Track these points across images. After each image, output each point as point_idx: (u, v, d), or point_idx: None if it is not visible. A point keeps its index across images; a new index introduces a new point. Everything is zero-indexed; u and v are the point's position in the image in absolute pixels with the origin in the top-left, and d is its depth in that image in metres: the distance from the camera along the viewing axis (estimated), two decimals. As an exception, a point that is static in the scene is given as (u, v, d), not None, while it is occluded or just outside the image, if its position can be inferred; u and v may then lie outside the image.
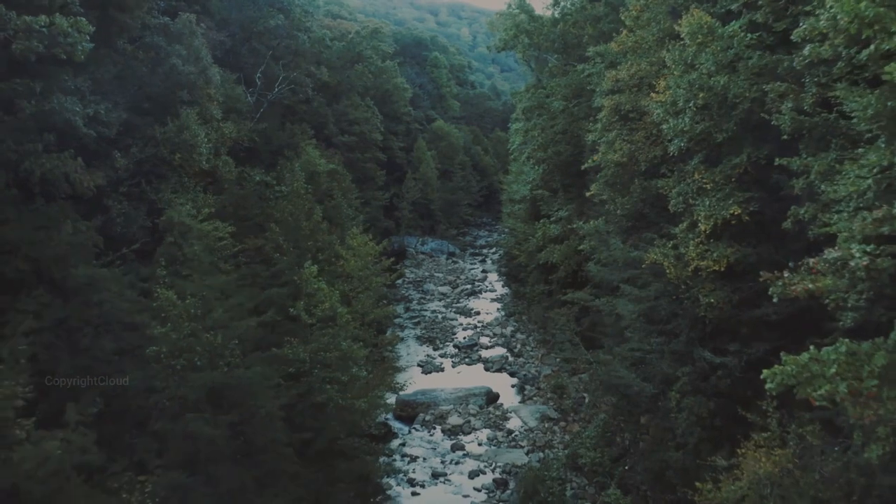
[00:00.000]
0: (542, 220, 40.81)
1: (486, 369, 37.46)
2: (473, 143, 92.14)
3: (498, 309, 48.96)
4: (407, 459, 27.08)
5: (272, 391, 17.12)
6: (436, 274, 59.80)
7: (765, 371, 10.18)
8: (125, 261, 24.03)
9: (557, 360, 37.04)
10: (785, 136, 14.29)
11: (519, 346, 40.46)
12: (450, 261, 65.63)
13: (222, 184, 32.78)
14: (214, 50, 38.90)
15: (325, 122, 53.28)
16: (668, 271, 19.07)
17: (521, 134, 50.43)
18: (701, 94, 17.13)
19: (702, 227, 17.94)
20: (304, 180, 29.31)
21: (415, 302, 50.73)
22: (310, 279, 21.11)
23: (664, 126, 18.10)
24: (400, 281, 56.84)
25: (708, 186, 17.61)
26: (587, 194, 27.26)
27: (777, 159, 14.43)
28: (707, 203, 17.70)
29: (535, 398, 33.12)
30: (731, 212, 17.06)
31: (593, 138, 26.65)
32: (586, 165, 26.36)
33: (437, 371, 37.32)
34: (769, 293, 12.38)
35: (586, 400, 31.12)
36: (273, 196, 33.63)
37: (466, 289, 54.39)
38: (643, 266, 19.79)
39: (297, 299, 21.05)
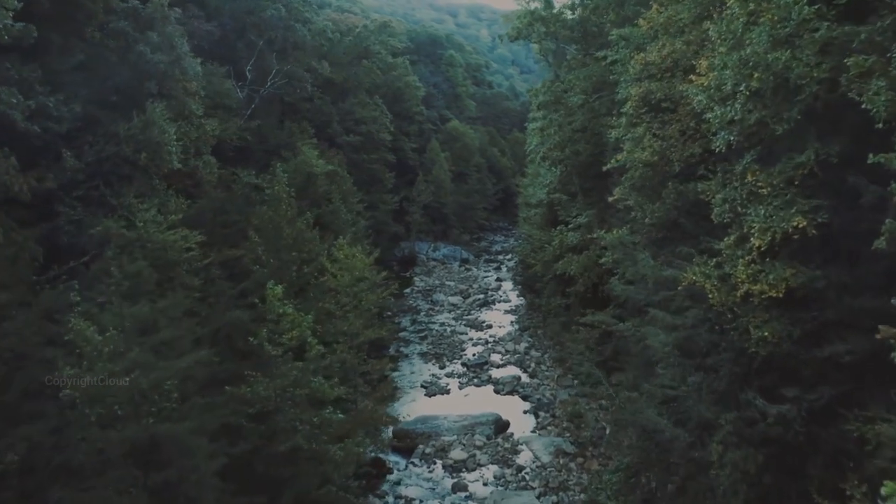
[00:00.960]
0: (559, 227, 37.14)
1: (497, 391, 33.91)
2: (490, 145, 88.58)
3: (511, 322, 45.35)
4: (401, 502, 23.64)
5: (214, 445, 13.76)
6: (447, 282, 56.31)
7: (887, 485, 6.59)
8: (74, 276, 20.94)
9: (574, 381, 33.41)
10: (880, 125, 10.65)
11: (533, 364, 36.84)
12: (462, 268, 62.11)
13: (203, 186, 29.69)
14: (201, 40, 35.94)
15: (328, 120, 50.11)
16: (710, 295, 15.46)
17: (538, 133, 47.03)
18: (755, 76, 13.51)
19: (754, 242, 14.32)
20: (287, 182, 25.89)
21: (423, 313, 47.30)
22: (273, 302, 17.74)
23: (708, 116, 14.52)
24: (408, 290, 53.58)
25: (764, 191, 13.97)
26: (610, 199, 23.65)
27: (871, 156, 10.77)
28: (762, 212, 14.07)
29: (549, 427, 29.50)
30: (794, 223, 13.42)
31: (617, 135, 23.06)
32: (609, 166, 22.77)
33: (443, 393, 33.85)
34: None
35: (607, 431, 27.48)
36: (261, 200, 30.43)
37: (479, 299, 50.84)
38: (678, 288, 16.16)
39: (261, 325, 17.69)
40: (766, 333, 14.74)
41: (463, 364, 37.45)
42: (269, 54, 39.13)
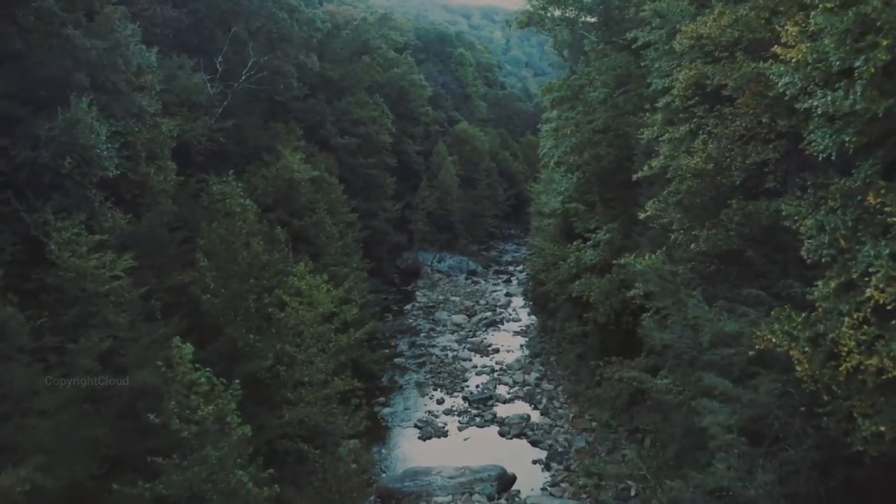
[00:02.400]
0: (575, 243, 32.39)
1: (502, 434, 29.15)
2: (501, 148, 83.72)
3: (521, 345, 40.54)
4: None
5: None
6: (451, 297, 51.58)
7: None
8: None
9: (592, 423, 28.62)
10: None
11: (544, 400, 32.03)
12: (469, 281, 57.32)
13: (155, 196, 25.23)
14: (164, 29, 31.58)
15: (322, 120, 45.59)
16: (798, 366, 10.74)
17: (552, 135, 42.57)
18: (884, 43, 8.78)
19: (871, 294, 9.63)
20: (262, 191, 21.39)
21: (423, 335, 42.57)
22: (182, 364, 13.10)
23: (805, 105, 9.76)
24: (409, 306, 48.95)
25: (894, 219, 9.24)
26: (640, 215, 18.90)
27: None
28: (885, 251, 9.36)
29: (563, 484, 24.73)
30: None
31: (650, 135, 18.35)
32: (641, 175, 18.04)
33: (439, 436, 29.15)
34: None
35: (632, 493, 22.73)
36: (226, 212, 25.89)
37: (485, 318, 46.02)
38: (750, 352, 11.41)
39: (165, 396, 13.06)
40: (880, 427, 10.04)
41: (465, 398, 32.72)
42: (248, 46, 34.63)
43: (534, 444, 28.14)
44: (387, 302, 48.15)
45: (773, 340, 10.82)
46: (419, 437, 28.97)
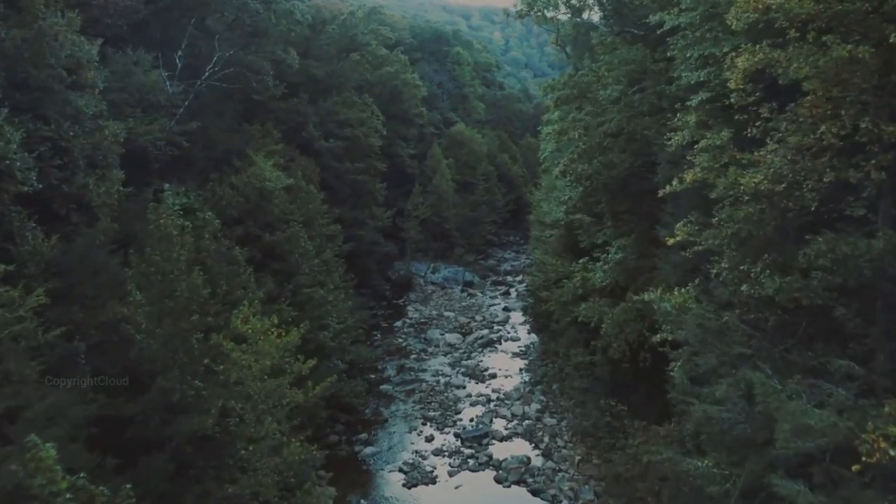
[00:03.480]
0: (582, 261, 28.85)
1: (498, 481, 25.56)
2: (500, 151, 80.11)
3: (521, 369, 36.96)
4: None
5: None
6: (446, 312, 47.95)
7: None
8: None
9: (601, 466, 25.05)
10: None
11: (546, 438, 28.42)
12: (465, 293, 53.68)
13: (94, 212, 21.68)
14: (119, 19, 27.99)
15: (304, 122, 42.02)
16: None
17: (554, 138, 39.20)
18: None
19: None
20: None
21: (413, 357, 38.93)
22: (41, 461, 9.39)
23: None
24: (399, 323, 45.36)
25: None
26: (668, 240, 15.29)
27: None
28: None
29: (570, 548, 21.18)
30: None
31: (680, 141, 14.80)
32: (670, 189, 14.48)
33: (427, 482, 25.53)
34: None
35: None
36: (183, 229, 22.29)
37: (482, 336, 42.38)
38: (854, 466, 7.83)
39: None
40: None
41: (457, 434, 29.09)
42: (215, 39, 30.99)
43: (534, 493, 24.56)
44: (375, 318, 44.66)
45: (891, 453, 7.32)
46: (404, 484, 25.37)
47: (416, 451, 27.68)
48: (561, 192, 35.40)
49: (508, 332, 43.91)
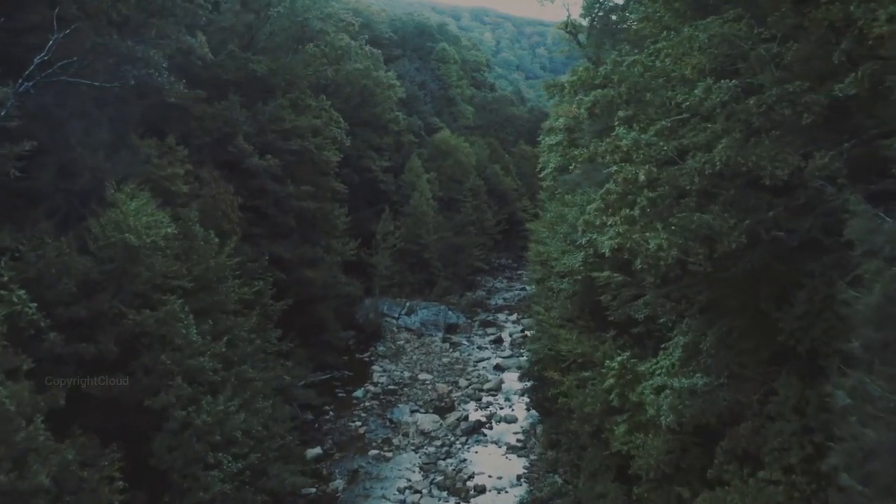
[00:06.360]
0: (620, 357, 18.72)
1: None
2: (490, 161, 69.97)
3: (518, 478, 26.68)
4: None
5: None
6: (421, 374, 37.59)
7: None
8: None
9: None
10: None
11: None
12: (447, 344, 43.27)
13: None
14: None
15: (231, 133, 31.64)
16: None
17: (558, 151, 29.91)
18: None
19: None
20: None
21: (372, 453, 28.42)
22: None
23: None
24: (360, 392, 34.96)
25: None
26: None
27: None
28: None
29: None
30: None
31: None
32: None
33: None
34: None
35: None
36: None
37: (466, 417, 32.00)
38: None
39: None
40: None
41: None
42: (51, 14, 20.45)
43: None
44: (331, 383, 34.49)
45: None
46: None
47: None
48: (575, 229, 24.98)
49: (501, 407, 33.63)
